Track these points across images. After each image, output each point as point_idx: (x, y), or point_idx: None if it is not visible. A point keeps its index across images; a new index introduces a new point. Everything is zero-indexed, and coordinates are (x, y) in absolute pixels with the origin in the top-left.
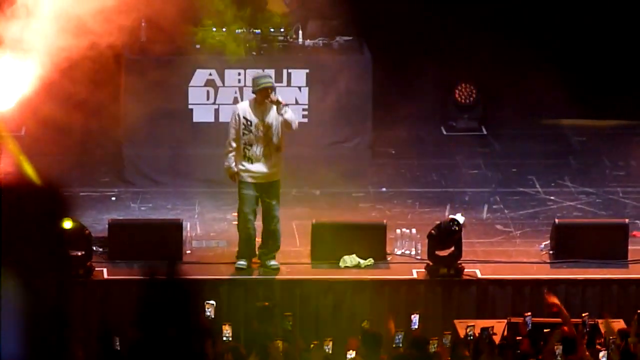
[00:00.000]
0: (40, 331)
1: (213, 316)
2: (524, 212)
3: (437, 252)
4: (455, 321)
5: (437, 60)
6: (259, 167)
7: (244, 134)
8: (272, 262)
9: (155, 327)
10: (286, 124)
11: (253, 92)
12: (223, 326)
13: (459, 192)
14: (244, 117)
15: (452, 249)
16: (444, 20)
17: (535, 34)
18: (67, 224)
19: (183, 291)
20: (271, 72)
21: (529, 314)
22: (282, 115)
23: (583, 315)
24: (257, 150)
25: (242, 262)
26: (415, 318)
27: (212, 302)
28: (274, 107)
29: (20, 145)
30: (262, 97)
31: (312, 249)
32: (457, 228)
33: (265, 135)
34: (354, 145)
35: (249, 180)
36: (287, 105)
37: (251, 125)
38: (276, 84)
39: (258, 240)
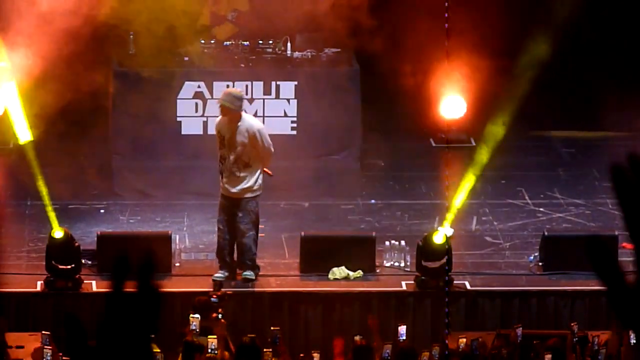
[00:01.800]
0: None
1: (198, 330)
2: (513, 224)
3: (426, 264)
4: (444, 333)
5: (426, 71)
6: (228, 182)
7: (220, 147)
8: (246, 272)
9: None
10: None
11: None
12: (209, 339)
13: (448, 204)
14: (219, 131)
15: (443, 260)
16: (434, 31)
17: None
18: (58, 234)
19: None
20: (260, 84)
21: (519, 326)
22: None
23: (572, 324)
24: (227, 165)
25: (218, 274)
26: (402, 329)
27: (197, 315)
28: (244, 124)
29: (9, 159)
30: (222, 113)
31: (301, 261)
32: (444, 241)
33: (234, 152)
34: (342, 157)
35: (222, 192)
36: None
37: (224, 140)
38: (265, 97)
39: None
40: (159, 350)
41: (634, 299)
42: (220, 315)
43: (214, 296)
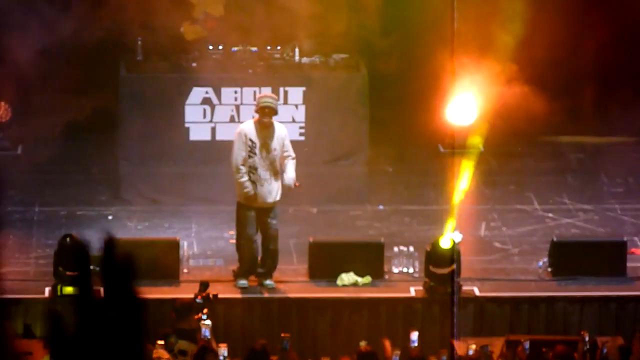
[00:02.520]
0: None
1: (209, 336)
2: (522, 230)
3: (434, 270)
4: (453, 339)
5: (434, 77)
6: (263, 192)
7: (249, 156)
8: (268, 282)
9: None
10: (283, 158)
11: (255, 111)
12: (219, 346)
13: (456, 210)
14: (250, 139)
15: (450, 266)
16: (441, 36)
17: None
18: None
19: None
20: (267, 89)
21: (527, 339)
22: (285, 151)
23: (582, 333)
24: (261, 174)
25: (244, 282)
26: (414, 336)
27: (209, 322)
28: (276, 129)
29: (15, 165)
30: (262, 116)
31: (309, 267)
32: (451, 246)
33: (268, 158)
34: (351, 163)
35: (252, 204)
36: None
37: (255, 147)
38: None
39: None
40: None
41: None
42: (205, 317)
43: (199, 297)
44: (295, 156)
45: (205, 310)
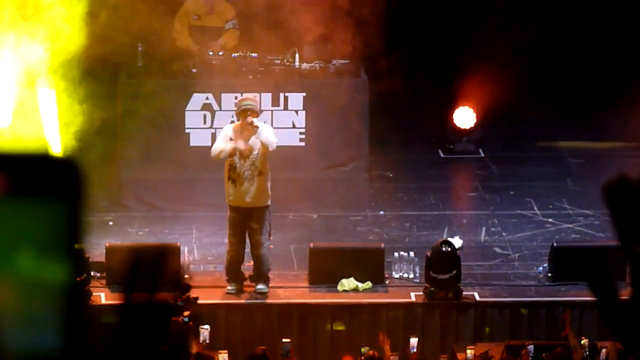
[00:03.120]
0: None
1: (208, 341)
2: (522, 235)
3: (435, 275)
4: (454, 345)
5: (434, 82)
6: (242, 191)
7: (230, 154)
8: (260, 286)
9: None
10: (263, 147)
11: (235, 114)
12: (220, 353)
13: (456, 215)
14: (231, 138)
15: (451, 272)
16: (442, 42)
17: (532, 55)
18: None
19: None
20: (268, 95)
21: (531, 343)
22: (259, 137)
23: (582, 339)
24: (240, 173)
25: (231, 287)
26: (413, 341)
27: (207, 326)
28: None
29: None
30: (243, 119)
31: (309, 272)
32: (449, 249)
33: (247, 159)
34: (351, 168)
35: (233, 205)
36: (257, 127)
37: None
38: (273, 108)
39: (250, 263)
40: None
41: (625, 312)
42: (187, 319)
43: (179, 300)
44: (294, 161)
45: (186, 313)
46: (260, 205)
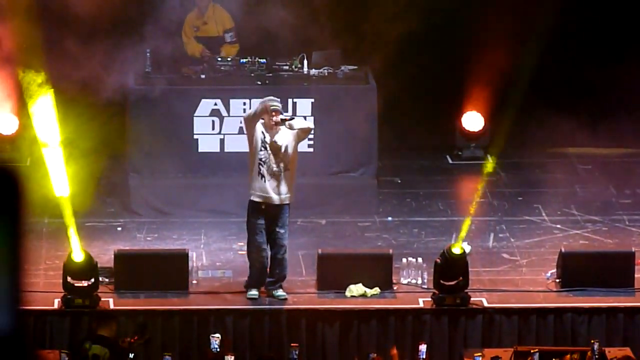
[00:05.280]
0: None
1: (219, 349)
2: (530, 241)
3: (443, 281)
4: (462, 351)
5: (443, 88)
6: (271, 186)
7: (261, 149)
8: (280, 292)
9: None
10: (302, 133)
11: (262, 117)
12: (227, 356)
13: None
14: (262, 132)
15: (459, 278)
16: (450, 48)
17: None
18: (79, 256)
19: None
20: (276, 101)
21: (536, 350)
22: (294, 129)
23: (592, 342)
24: (270, 168)
25: (254, 292)
26: (423, 348)
27: (218, 335)
28: (282, 127)
29: (25, 176)
30: (269, 119)
31: (318, 278)
32: (461, 256)
33: (276, 155)
34: (359, 174)
35: (259, 200)
36: (291, 118)
37: (267, 142)
38: (296, 115)
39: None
40: None
41: None
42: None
43: (132, 340)
44: (303, 167)
45: (136, 338)
46: (286, 202)
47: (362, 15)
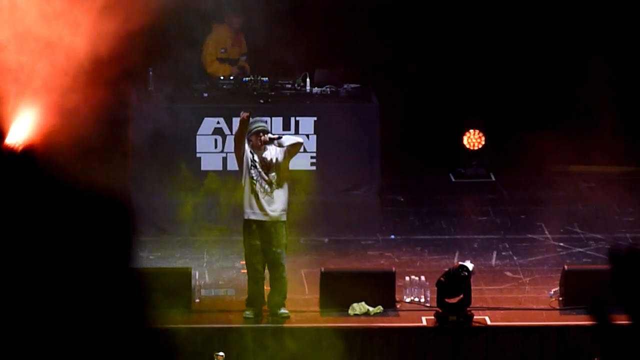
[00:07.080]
0: None
1: None
2: (533, 259)
3: (446, 300)
4: None
5: (445, 107)
6: (264, 204)
7: (251, 167)
8: (282, 310)
9: None
10: (292, 148)
11: (247, 138)
12: None
13: (467, 239)
14: (251, 152)
15: (462, 296)
16: (453, 67)
17: (543, 82)
18: None
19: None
20: (279, 120)
21: None
22: (283, 146)
23: (595, 359)
24: (262, 186)
25: (248, 312)
26: None
27: (222, 353)
28: (268, 147)
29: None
30: (256, 140)
31: (321, 296)
32: (466, 274)
33: (267, 172)
34: (362, 192)
35: (253, 217)
36: (279, 137)
37: (256, 161)
38: (284, 132)
39: (267, 288)
40: None
41: None
42: None
43: None
44: (305, 185)
45: None
46: (281, 220)
47: (364, 35)
